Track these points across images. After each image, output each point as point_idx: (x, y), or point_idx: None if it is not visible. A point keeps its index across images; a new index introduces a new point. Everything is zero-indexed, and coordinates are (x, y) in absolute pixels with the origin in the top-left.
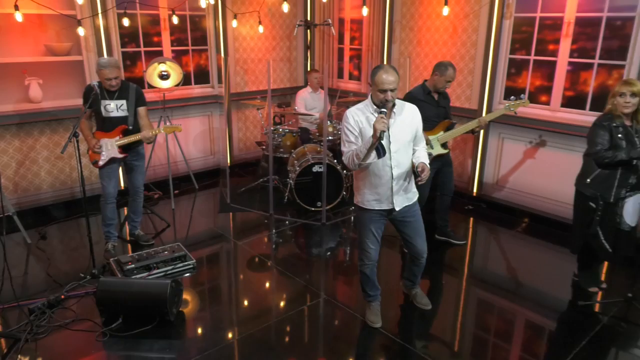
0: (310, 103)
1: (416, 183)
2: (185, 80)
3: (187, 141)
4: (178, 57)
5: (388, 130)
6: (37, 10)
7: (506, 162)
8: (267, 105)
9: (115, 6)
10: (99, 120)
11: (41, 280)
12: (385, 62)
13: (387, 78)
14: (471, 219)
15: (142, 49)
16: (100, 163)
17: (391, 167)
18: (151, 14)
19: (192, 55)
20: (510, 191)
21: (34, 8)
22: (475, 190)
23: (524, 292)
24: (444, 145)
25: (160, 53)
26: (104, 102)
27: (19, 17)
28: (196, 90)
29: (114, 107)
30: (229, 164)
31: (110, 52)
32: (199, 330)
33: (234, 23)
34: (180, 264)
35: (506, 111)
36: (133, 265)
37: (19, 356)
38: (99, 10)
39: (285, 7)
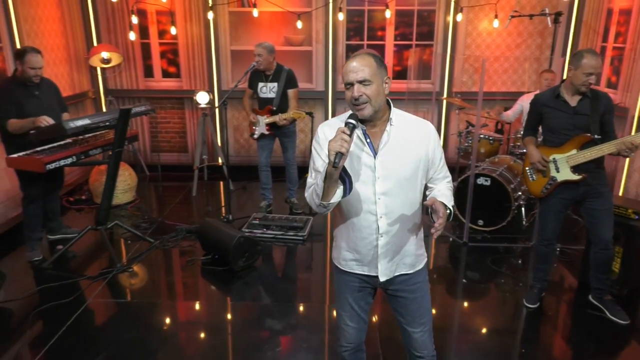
0: None
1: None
2: (401, 75)
3: None
4: (400, 51)
5: (375, 155)
6: (270, 8)
7: None
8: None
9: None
10: (257, 99)
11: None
12: None
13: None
14: None
15: (365, 42)
16: (255, 136)
17: (377, 216)
18: (377, 9)
19: (414, 50)
20: None
21: (268, 6)
22: None
23: None
24: (576, 169)
25: (381, 47)
26: (260, 85)
27: (255, 13)
28: (412, 85)
29: (267, 90)
30: None
31: (335, 45)
32: (246, 290)
33: (459, 17)
34: (291, 233)
35: None
36: (257, 222)
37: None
38: (330, 6)
39: None
